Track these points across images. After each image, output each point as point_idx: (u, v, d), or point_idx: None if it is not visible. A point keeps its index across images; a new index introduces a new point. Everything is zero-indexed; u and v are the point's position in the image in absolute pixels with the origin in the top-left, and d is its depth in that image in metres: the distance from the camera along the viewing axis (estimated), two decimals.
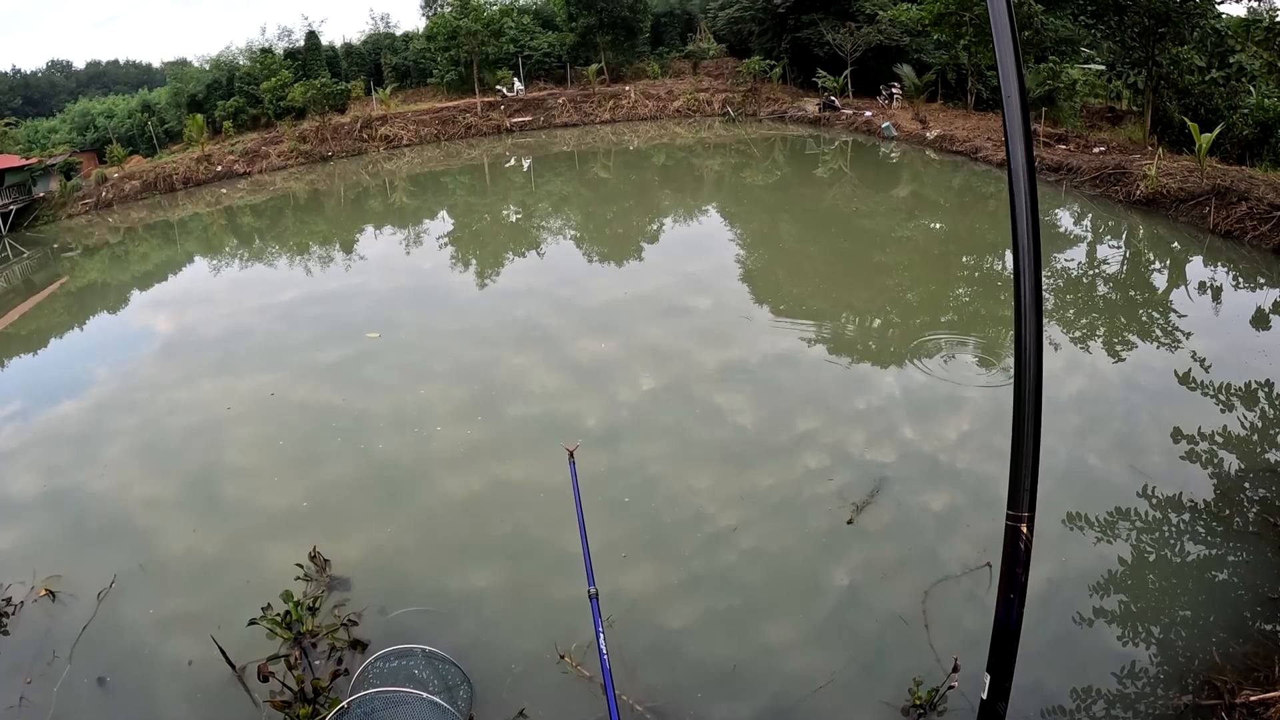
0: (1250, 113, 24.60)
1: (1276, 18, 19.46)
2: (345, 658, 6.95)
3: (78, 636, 7.67)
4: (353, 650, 6.98)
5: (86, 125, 48.06)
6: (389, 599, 7.67)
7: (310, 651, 7.05)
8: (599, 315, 15.28)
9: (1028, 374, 1.65)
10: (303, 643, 7.04)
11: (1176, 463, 9.28)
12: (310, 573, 7.88)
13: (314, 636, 7.12)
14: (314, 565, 7.97)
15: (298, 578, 7.72)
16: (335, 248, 25.11)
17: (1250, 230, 17.40)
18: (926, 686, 6.10)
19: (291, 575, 7.81)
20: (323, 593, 7.72)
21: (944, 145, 32.21)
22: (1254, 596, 7.04)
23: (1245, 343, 12.90)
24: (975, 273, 17.64)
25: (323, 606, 7.51)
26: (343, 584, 7.91)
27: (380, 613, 7.48)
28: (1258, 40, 20.95)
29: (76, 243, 31.51)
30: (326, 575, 7.98)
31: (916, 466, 9.55)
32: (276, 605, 7.16)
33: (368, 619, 7.41)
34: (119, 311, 21.23)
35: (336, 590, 7.83)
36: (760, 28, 49.01)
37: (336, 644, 7.05)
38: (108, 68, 76.36)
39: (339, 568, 8.14)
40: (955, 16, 31.78)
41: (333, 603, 7.64)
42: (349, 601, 7.65)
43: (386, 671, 6.09)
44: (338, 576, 8.00)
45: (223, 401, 12.80)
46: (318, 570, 7.96)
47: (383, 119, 45.56)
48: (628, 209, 27.22)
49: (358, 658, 6.80)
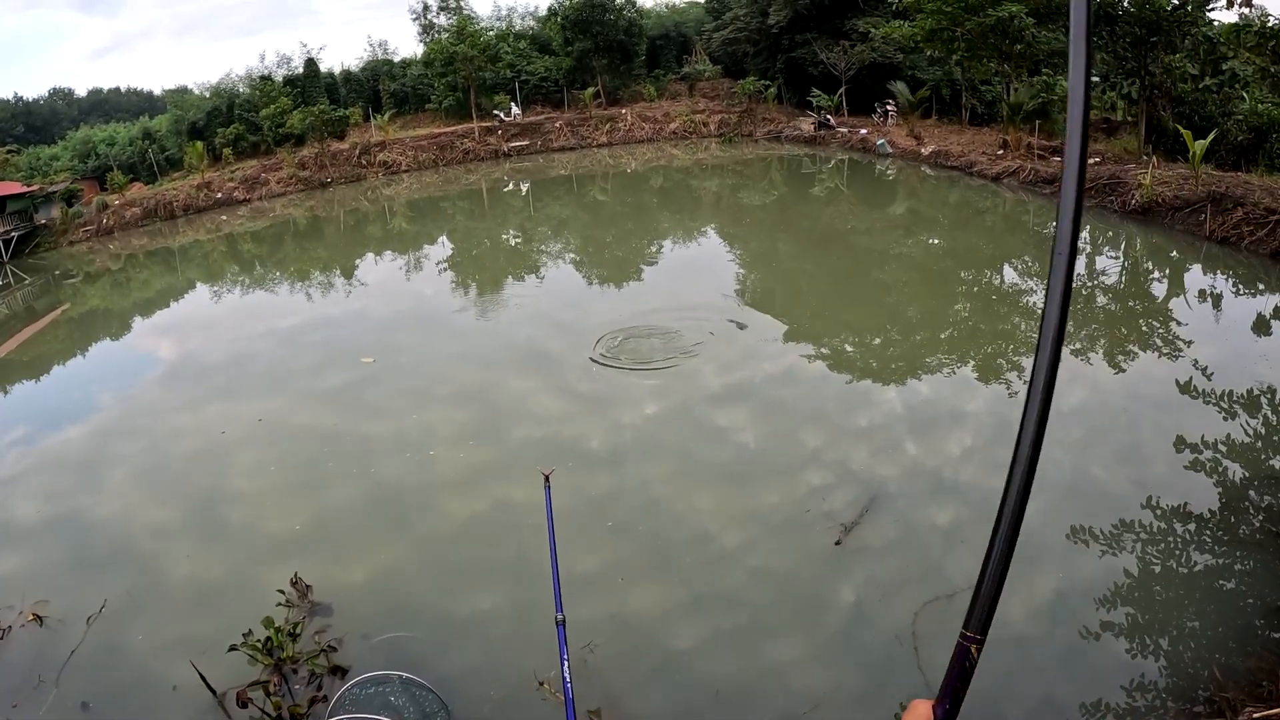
0: (1244, 119, 24.64)
1: (1268, 24, 19.51)
2: (325, 684, 6.83)
3: (65, 662, 7.58)
4: (333, 676, 6.87)
5: (88, 153, 48.25)
6: (379, 623, 7.55)
7: (291, 677, 6.93)
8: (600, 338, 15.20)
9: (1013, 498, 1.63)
10: (283, 669, 6.92)
11: (1180, 472, 9.16)
12: (292, 599, 7.77)
13: (294, 662, 7.00)
14: (295, 591, 7.86)
15: (279, 604, 7.60)
16: (336, 274, 25.11)
17: (1247, 235, 17.35)
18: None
19: (290, 600, 7.75)
20: (304, 618, 7.60)
21: (939, 161, 32.25)
22: (1262, 605, 6.92)
23: (1246, 349, 12.83)
24: (974, 288, 17.62)
25: (304, 632, 7.39)
26: (324, 610, 7.80)
27: (363, 638, 7.36)
28: (1249, 46, 20.99)
29: (78, 269, 31.57)
30: (308, 601, 7.87)
31: (921, 482, 9.52)
32: (260, 632, 7.08)
33: (350, 644, 7.29)
34: (121, 338, 21.24)
35: (319, 616, 7.71)
36: (755, 48, 49.22)
37: (316, 670, 6.93)
38: (109, 95, 76.78)
39: (331, 593, 8.02)
40: (948, 32, 31.88)
41: (315, 628, 7.51)
42: (331, 627, 7.54)
43: (363, 698, 5.97)
44: (319, 602, 7.89)
45: (219, 426, 12.74)
46: (299, 596, 7.85)
47: (381, 145, 45.69)
48: (627, 231, 27.22)
49: (338, 684, 6.69)
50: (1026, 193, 25.90)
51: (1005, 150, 29.71)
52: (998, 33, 29.78)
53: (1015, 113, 30.52)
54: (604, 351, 14.06)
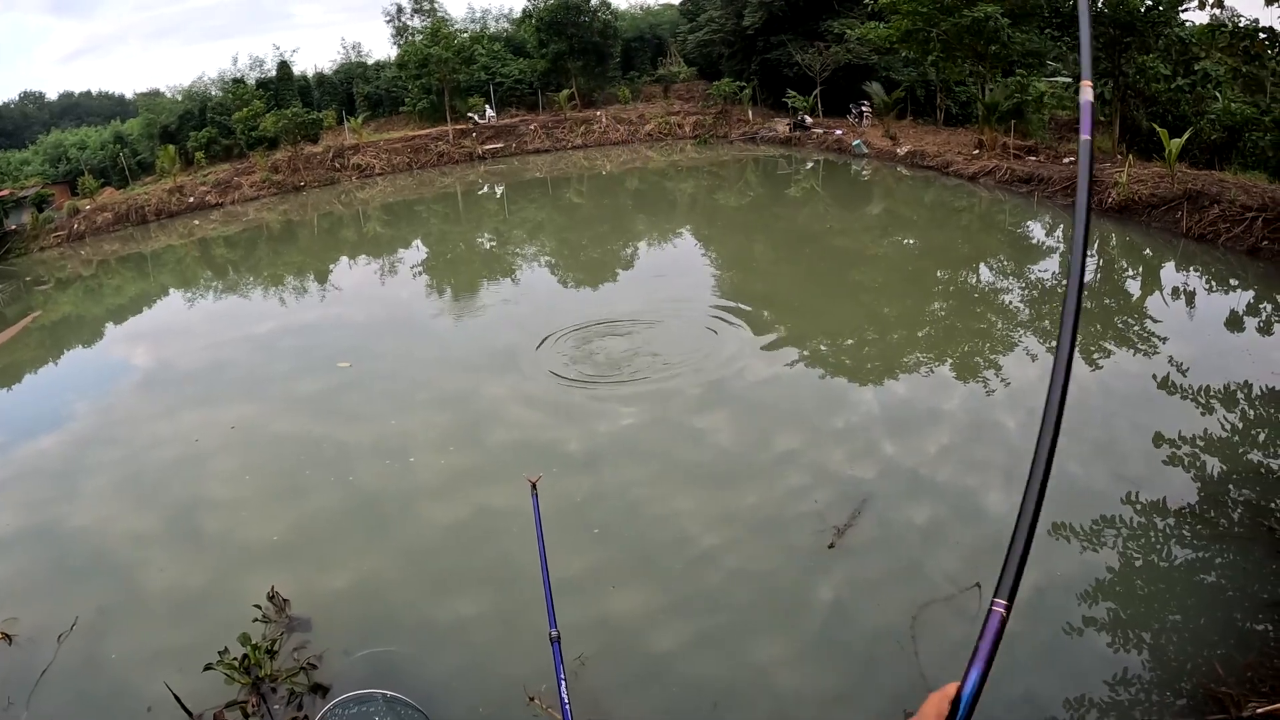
0: (1218, 118, 24.95)
1: (1240, 24, 19.69)
2: (306, 703, 6.64)
3: (36, 682, 7.33)
4: (314, 695, 6.67)
5: (59, 157, 47.53)
6: (361, 638, 7.39)
7: (270, 696, 6.74)
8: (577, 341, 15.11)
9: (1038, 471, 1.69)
10: (261, 688, 6.73)
11: (1159, 468, 9.21)
12: (269, 613, 7.57)
13: (273, 681, 6.79)
14: (273, 606, 7.66)
15: (255, 620, 7.38)
16: (310, 278, 24.85)
17: (1224, 233, 17.52)
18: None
19: (268, 615, 7.55)
20: (281, 634, 7.40)
21: (915, 161, 32.39)
22: (1243, 597, 6.96)
23: (1222, 345, 12.93)
24: (950, 286, 17.67)
25: (283, 649, 7.19)
26: (303, 624, 7.61)
27: (344, 654, 7.19)
28: (1221, 46, 21.19)
29: (49, 276, 31.12)
30: (286, 616, 7.67)
31: (899, 482, 9.50)
32: (236, 649, 6.87)
33: (331, 661, 7.11)
34: (94, 345, 20.95)
35: (297, 631, 7.52)
36: (730, 50, 49.27)
37: (296, 689, 6.74)
38: (81, 99, 75.53)
39: (311, 606, 7.84)
40: (923, 33, 31.99)
41: (294, 644, 7.33)
42: (310, 642, 7.35)
43: (345, 719, 5.85)
44: (298, 616, 7.70)
45: (193, 434, 12.50)
46: (276, 611, 7.65)
47: (355, 148, 45.36)
48: (602, 234, 27.14)
49: (319, 702, 6.51)
50: (1002, 191, 26.04)
51: (981, 150, 29.88)
52: (973, 33, 29.91)
53: (991, 113, 30.68)
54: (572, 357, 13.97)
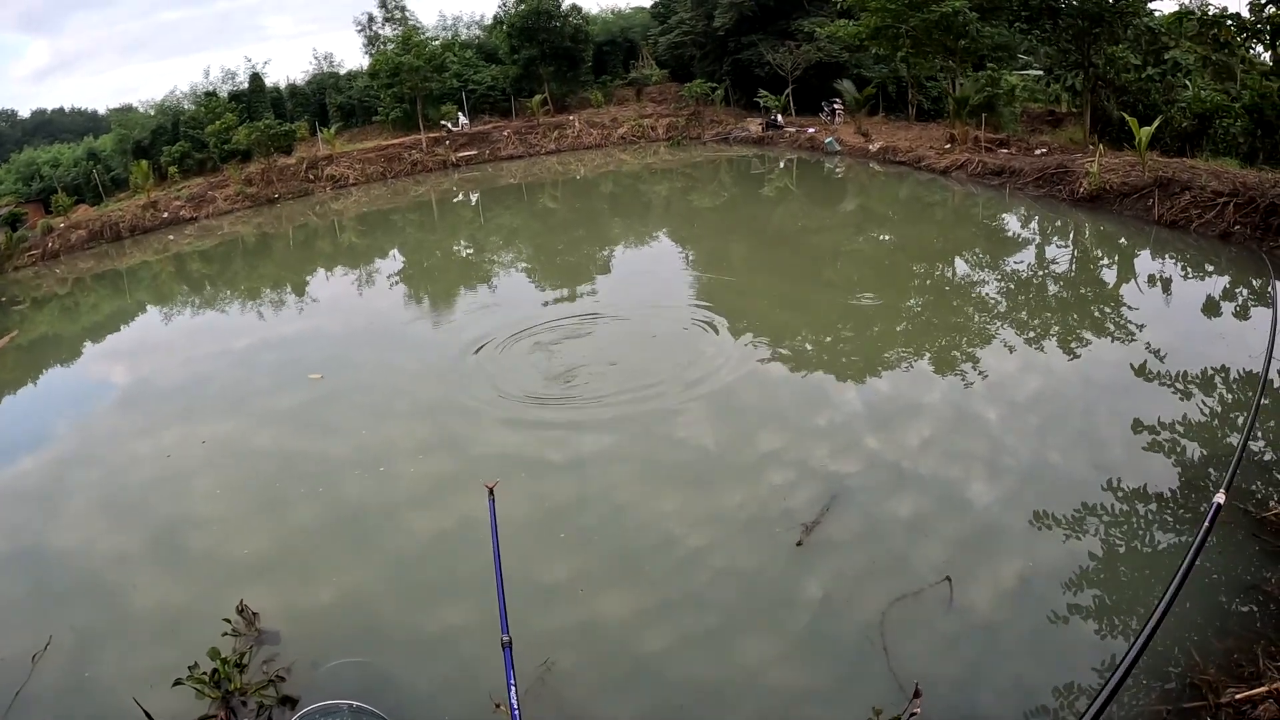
0: (1188, 106, 25.18)
1: (1208, 12, 19.89)
2: (275, 715, 6.55)
3: (9, 704, 7.13)
4: (282, 707, 6.57)
5: (32, 175, 47.04)
6: (331, 649, 7.27)
7: (240, 710, 6.63)
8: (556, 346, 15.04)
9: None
10: (230, 701, 6.62)
11: (1139, 454, 9.21)
12: (239, 627, 7.43)
13: (243, 694, 6.69)
14: (242, 620, 7.52)
15: (225, 634, 7.26)
16: (287, 291, 24.59)
17: (1196, 218, 17.65)
18: (886, 715, 5.94)
19: (237, 628, 7.41)
20: (251, 648, 7.27)
21: (888, 157, 32.51)
22: (1226, 580, 6.97)
23: (1198, 330, 13.02)
24: (927, 280, 17.73)
25: (252, 662, 7.07)
26: (272, 637, 7.47)
27: (312, 665, 7.07)
28: (1190, 35, 21.45)
29: (24, 295, 30.64)
30: (255, 629, 7.52)
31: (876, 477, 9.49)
32: (207, 664, 6.76)
33: (300, 672, 6.99)
34: (72, 364, 20.65)
35: (267, 644, 7.38)
36: (701, 51, 49.43)
37: (265, 701, 6.64)
38: (53, 116, 74.86)
39: (281, 620, 7.69)
40: (892, 30, 32.19)
41: (263, 657, 7.19)
42: (279, 655, 7.21)
43: None
44: (267, 629, 7.55)
45: (168, 451, 12.22)
46: (246, 624, 7.50)
47: (329, 159, 45.03)
48: (578, 239, 27.06)
49: (287, 714, 6.40)
50: (975, 185, 26.18)
51: (953, 144, 30.01)
52: (942, 29, 30.10)
53: (962, 107, 30.88)
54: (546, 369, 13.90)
